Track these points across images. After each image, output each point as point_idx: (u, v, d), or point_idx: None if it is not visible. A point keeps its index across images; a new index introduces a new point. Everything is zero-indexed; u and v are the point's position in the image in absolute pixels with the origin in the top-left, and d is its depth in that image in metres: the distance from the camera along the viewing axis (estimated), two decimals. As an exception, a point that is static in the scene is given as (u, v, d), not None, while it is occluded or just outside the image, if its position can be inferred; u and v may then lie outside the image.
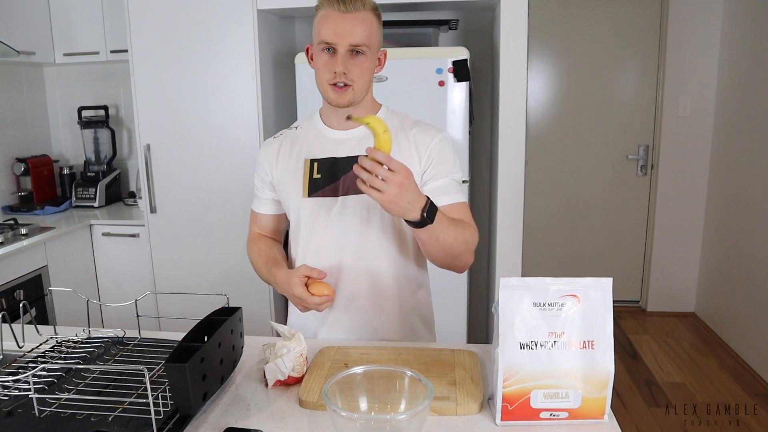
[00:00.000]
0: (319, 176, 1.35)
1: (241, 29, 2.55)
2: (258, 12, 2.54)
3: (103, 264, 2.91)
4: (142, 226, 2.80)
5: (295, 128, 1.44)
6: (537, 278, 0.99)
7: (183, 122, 2.66)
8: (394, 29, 2.61)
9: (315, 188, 1.35)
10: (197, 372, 0.96)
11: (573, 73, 3.83)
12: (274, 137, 1.45)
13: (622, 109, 3.84)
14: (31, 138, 3.24)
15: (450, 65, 2.41)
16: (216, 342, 1.03)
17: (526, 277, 0.99)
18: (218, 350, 1.04)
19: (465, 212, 1.33)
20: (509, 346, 0.98)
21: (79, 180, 3.22)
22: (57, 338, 1.29)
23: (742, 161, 3.29)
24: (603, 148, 3.90)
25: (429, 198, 1.16)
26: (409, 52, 2.44)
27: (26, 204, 3.07)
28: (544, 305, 0.99)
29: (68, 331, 1.34)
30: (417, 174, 1.33)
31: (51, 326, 1.35)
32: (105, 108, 3.23)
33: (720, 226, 3.57)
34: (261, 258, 1.43)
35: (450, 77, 2.42)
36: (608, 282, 1.00)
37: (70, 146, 3.39)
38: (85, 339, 1.29)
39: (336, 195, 1.34)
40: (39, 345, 1.27)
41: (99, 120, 3.23)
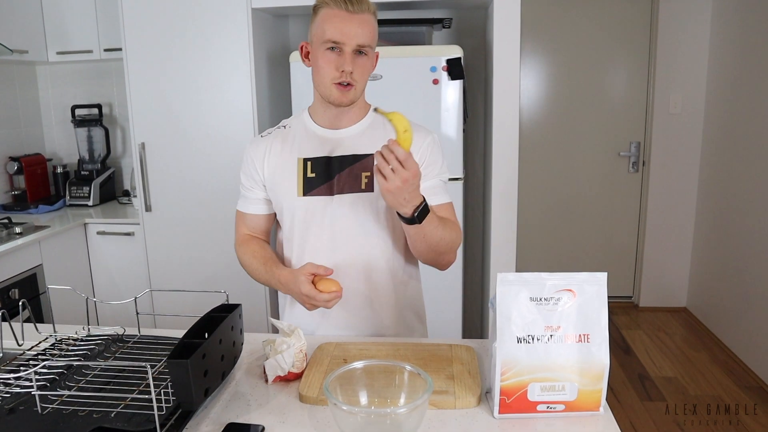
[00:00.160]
0: (314, 175, 1.35)
1: (236, 28, 2.55)
2: (252, 10, 2.54)
3: (98, 262, 2.91)
4: (137, 225, 2.80)
5: (284, 127, 1.43)
6: (533, 273, 1.01)
7: (178, 121, 2.66)
8: (388, 28, 2.62)
9: (310, 187, 1.35)
10: (199, 368, 0.97)
11: (565, 71, 3.86)
12: (262, 136, 1.43)
13: (614, 107, 3.87)
14: (24, 137, 3.23)
15: (444, 63, 2.42)
16: (217, 338, 1.04)
17: (523, 272, 1.01)
18: (219, 347, 1.05)
19: (451, 213, 1.39)
20: (506, 341, 1.00)
21: (73, 179, 3.21)
22: (56, 336, 1.30)
23: (732, 157, 3.33)
24: (595, 146, 3.93)
25: (425, 200, 1.21)
26: (404, 51, 2.45)
27: (20, 203, 3.06)
28: (541, 300, 1.00)
29: (67, 329, 1.34)
30: None
31: (50, 324, 1.35)
32: (98, 106, 3.22)
33: (711, 222, 3.61)
34: (257, 260, 1.40)
35: (444, 75, 2.43)
36: (603, 276, 1.02)
37: (64, 145, 3.38)
38: (85, 336, 1.30)
39: (331, 194, 1.35)
40: (38, 343, 1.27)
41: (92, 118, 3.22)
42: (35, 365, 1.10)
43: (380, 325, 1.42)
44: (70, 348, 1.24)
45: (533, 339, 1.00)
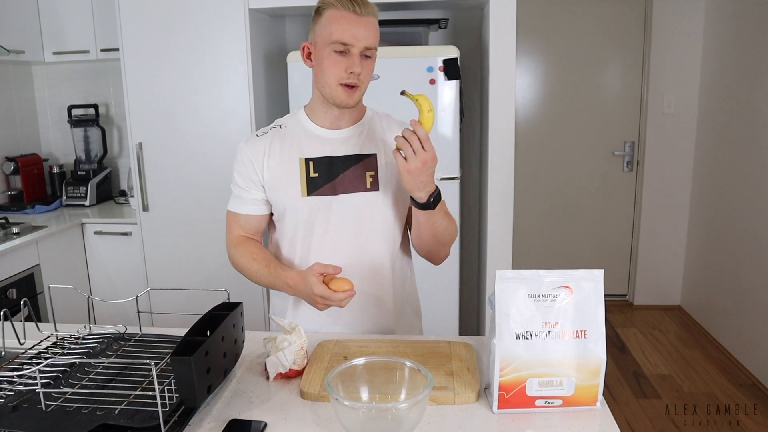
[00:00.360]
0: (317, 175, 1.35)
1: (233, 28, 2.56)
2: (249, 11, 2.55)
3: (95, 262, 2.91)
4: (134, 225, 2.80)
5: (279, 127, 1.41)
6: (531, 270, 1.02)
7: (175, 121, 2.67)
8: (385, 28, 2.61)
9: (314, 187, 1.35)
10: (202, 365, 0.98)
11: (560, 71, 3.88)
12: (257, 135, 1.40)
13: (608, 107, 3.90)
14: (21, 137, 3.23)
15: (440, 64, 2.44)
16: (219, 336, 1.05)
17: (521, 270, 1.02)
18: (221, 344, 1.06)
19: (447, 209, 1.42)
20: (505, 337, 1.01)
21: (70, 179, 3.21)
22: (57, 335, 1.31)
23: (726, 156, 3.36)
24: (589, 145, 3.96)
25: (439, 189, 1.27)
26: (400, 51, 2.46)
27: (16, 203, 3.06)
28: (539, 296, 1.02)
29: (68, 328, 1.35)
30: None
31: (50, 323, 1.36)
32: (95, 107, 3.22)
33: (705, 221, 3.64)
34: (258, 262, 1.37)
35: (440, 75, 2.45)
36: (600, 273, 1.04)
37: (60, 145, 3.37)
38: (87, 335, 1.31)
39: (335, 193, 1.36)
40: (40, 342, 1.28)
41: (89, 119, 3.22)
42: (38, 363, 1.11)
43: (384, 322, 1.43)
44: (72, 346, 1.24)
45: (531, 335, 1.01)
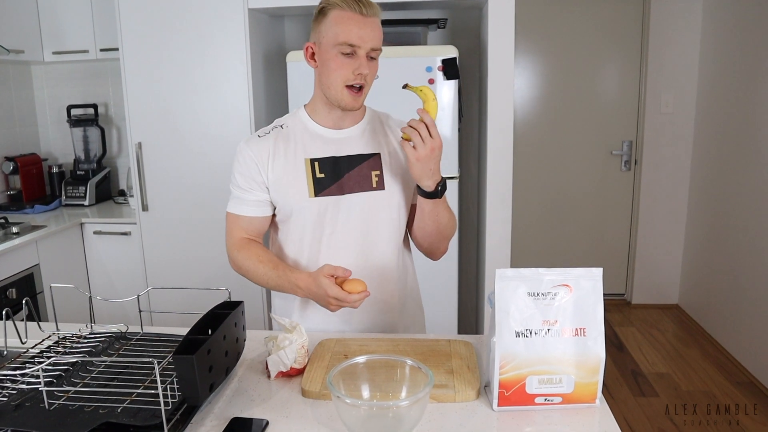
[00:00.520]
0: (323, 175, 1.35)
1: (232, 28, 2.56)
2: (249, 11, 2.55)
3: (95, 262, 2.91)
4: (134, 224, 2.81)
5: (281, 127, 1.39)
6: (531, 269, 1.03)
7: (174, 120, 2.67)
8: (384, 28, 2.58)
9: (321, 188, 1.35)
10: (204, 363, 0.98)
11: (558, 71, 3.89)
12: (260, 136, 1.38)
13: (606, 106, 3.91)
14: (20, 137, 3.23)
15: (439, 63, 2.44)
16: (221, 334, 1.06)
17: (521, 268, 1.03)
18: (223, 342, 1.07)
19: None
20: (505, 335, 1.02)
21: (69, 178, 3.21)
22: (59, 334, 1.31)
23: (723, 156, 3.37)
24: (588, 144, 3.97)
25: (444, 178, 1.32)
26: (399, 51, 2.47)
27: (15, 203, 3.06)
28: (538, 295, 1.03)
29: (69, 328, 1.35)
30: (406, 169, 1.39)
31: (52, 323, 1.36)
32: (94, 106, 3.22)
33: (702, 220, 3.65)
34: (264, 264, 1.35)
35: (439, 75, 2.45)
36: (598, 272, 1.04)
37: (59, 145, 3.37)
38: (88, 334, 1.31)
39: (342, 193, 1.36)
40: (42, 341, 1.28)
41: (88, 118, 3.22)
42: (40, 362, 1.11)
43: (390, 318, 1.44)
44: (74, 345, 1.25)
45: (531, 333, 1.02)
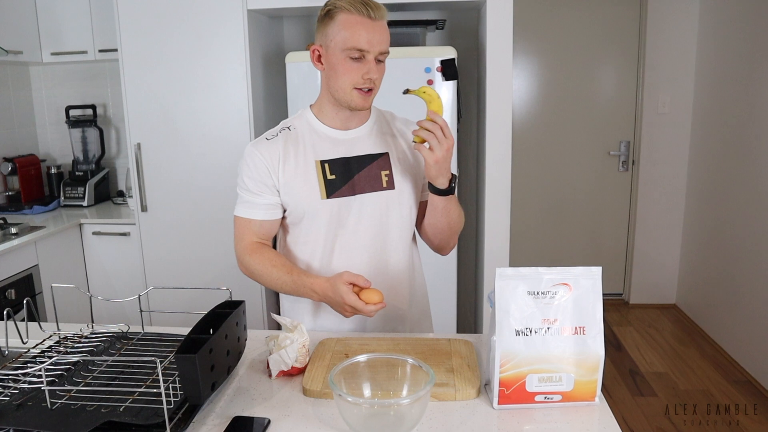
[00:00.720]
0: (334, 177, 1.35)
1: (232, 29, 2.56)
2: (248, 12, 2.55)
3: (94, 262, 2.91)
4: (133, 225, 2.81)
5: (288, 129, 1.38)
6: (531, 268, 1.04)
7: (173, 121, 2.67)
8: (383, 28, 2.64)
9: (332, 189, 1.35)
10: (206, 362, 0.99)
11: (556, 72, 3.91)
12: (268, 139, 1.37)
13: (604, 107, 3.92)
14: (18, 137, 3.23)
15: (438, 64, 2.45)
16: (223, 334, 1.06)
17: (521, 267, 1.04)
18: (225, 342, 1.08)
19: None
20: (505, 333, 1.03)
21: (67, 179, 3.21)
22: (60, 334, 1.31)
23: (720, 156, 3.38)
24: (585, 145, 3.98)
25: (454, 174, 1.33)
26: (398, 52, 2.46)
27: (14, 204, 3.06)
28: (538, 294, 1.03)
29: (70, 328, 1.36)
30: (414, 167, 1.42)
31: (53, 323, 1.37)
32: (93, 107, 3.22)
33: (699, 220, 3.66)
34: (278, 268, 1.33)
35: (438, 76, 2.46)
36: (597, 271, 1.05)
37: (57, 145, 3.37)
38: (89, 334, 1.31)
39: (353, 194, 1.36)
40: (43, 341, 1.29)
41: (87, 119, 3.22)
42: (42, 362, 1.11)
43: (400, 319, 1.45)
44: (75, 345, 1.25)
45: (531, 332, 1.03)
